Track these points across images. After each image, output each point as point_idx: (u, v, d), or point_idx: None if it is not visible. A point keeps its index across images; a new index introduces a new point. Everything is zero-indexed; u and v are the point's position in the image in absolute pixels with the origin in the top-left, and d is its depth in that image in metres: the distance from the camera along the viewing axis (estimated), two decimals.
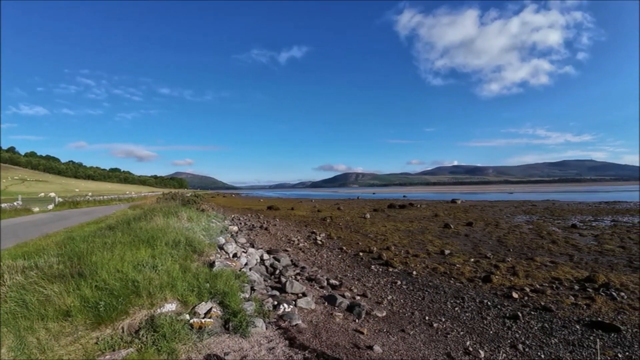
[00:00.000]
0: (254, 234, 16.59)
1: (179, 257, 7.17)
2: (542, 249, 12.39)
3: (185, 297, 5.29)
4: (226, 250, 9.66)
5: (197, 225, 12.53)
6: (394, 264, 10.38)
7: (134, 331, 4.39)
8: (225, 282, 6.12)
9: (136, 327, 4.46)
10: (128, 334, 4.32)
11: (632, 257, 10.67)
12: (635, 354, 4.86)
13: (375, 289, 8.17)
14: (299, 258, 11.34)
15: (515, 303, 7.12)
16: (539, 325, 6.01)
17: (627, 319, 6.12)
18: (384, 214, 27.79)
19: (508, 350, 5.17)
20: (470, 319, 6.39)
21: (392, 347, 5.11)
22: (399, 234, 16.61)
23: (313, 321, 5.84)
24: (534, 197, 54.29)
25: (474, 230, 17.43)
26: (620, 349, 5.06)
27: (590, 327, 5.87)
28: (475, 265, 10.27)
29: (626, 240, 13.59)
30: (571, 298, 7.28)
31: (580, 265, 10.07)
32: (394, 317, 6.42)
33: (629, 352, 4.93)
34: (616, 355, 4.87)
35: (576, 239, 14.25)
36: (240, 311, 5.28)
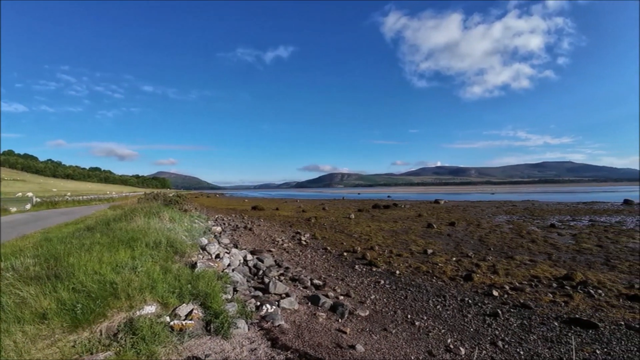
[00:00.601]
0: (238, 234, 16.44)
1: (160, 258, 7.03)
2: (521, 248, 12.67)
3: (166, 298, 5.18)
4: (209, 251, 9.53)
5: (179, 226, 12.32)
6: (377, 263, 10.44)
7: (113, 334, 4.27)
8: (207, 283, 6.02)
9: (114, 330, 4.33)
10: (106, 337, 4.20)
11: (609, 256, 11.01)
12: (614, 350, 4.99)
13: (358, 289, 8.19)
14: (283, 258, 11.28)
15: (495, 301, 7.25)
16: (518, 322, 6.14)
17: (604, 315, 6.30)
18: (369, 214, 27.94)
19: (488, 347, 5.25)
20: (452, 316, 6.47)
21: (375, 346, 5.12)
22: (383, 234, 16.72)
23: (296, 321, 5.81)
24: (515, 198, 55.59)
25: (456, 230, 17.70)
26: (598, 345, 5.19)
27: (568, 323, 6.01)
28: (457, 264, 10.42)
29: (603, 240, 14.02)
30: (550, 295, 7.46)
31: (559, 263, 10.33)
32: (377, 316, 6.44)
33: (607, 349, 5.05)
34: (594, 352, 4.98)
35: (555, 238, 14.63)
36: (222, 312, 5.20)
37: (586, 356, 4.87)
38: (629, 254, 11.18)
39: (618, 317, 6.21)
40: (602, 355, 4.89)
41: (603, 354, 4.90)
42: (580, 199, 48.70)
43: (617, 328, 5.73)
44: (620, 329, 5.70)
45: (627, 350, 4.98)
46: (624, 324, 5.86)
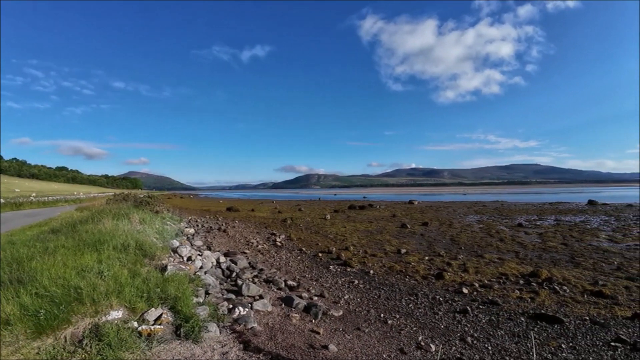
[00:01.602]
0: (212, 236, 16.14)
1: (128, 262, 6.81)
2: (491, 247, 13.09)
3: (134, 303, 5.00)
4: (180, 254, 9.31)
5: (149, 228, 11.98)
6: (352, 263, 10.51)
7: (78, 340, 4.09)
8: (178, 287, 5.86)
9: (79, 336, 4.15)
10: (71, 344, 4.02)
11: (573, 254, 11.53)
12: (579, 345, 5.20)
13: (333, 289, 8.22)
14: (258, 260, 11.17)
15: (465, 298, 7.46)
16: (486, 319, 6.32)
17: (569, 311, 6.58)
18: (344, 214, 28.11)
19: (457, 343, 5.38)
20: (423, 314, 6.60)
21: (348, 345, 5.14)
22: (358, 234, 16.86)
23: (269, 323, 5.75)
24: (485, 198, 57.41)
25: (429, 230, 18.07)
26: (563, 339, 5.40)
27: (534, 319, 6.24)
28: (429, 263, 10.64)
29: (568, 238, 14.68)
30: (517, 292, 7.73)
31: (526, 261, 10.73)
32: (350, 316, 6.48)
33: (573, 343, 5.27)
34: (560, 346, 5.18)
35: (522, 237, 15.19)
36: (193, 316, 5.08)
37: (552, 350, 5.05)
38: (592, 252, 11.74)
39: (583, 312, 6.49)
40: (567, 349, 5.08)
41: (568, 348, 5.10)
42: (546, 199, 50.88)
43: (582, 323, 5.99)
44: (585, 323, 5.96)
45: (592, 344, 5.20)
46: (589, 319, 6.13)
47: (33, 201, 36.43)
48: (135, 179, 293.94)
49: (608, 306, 6.73)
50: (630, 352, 4.88)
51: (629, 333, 5.51)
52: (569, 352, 4.99)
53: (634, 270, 9.25)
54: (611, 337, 5.40)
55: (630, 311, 6.37)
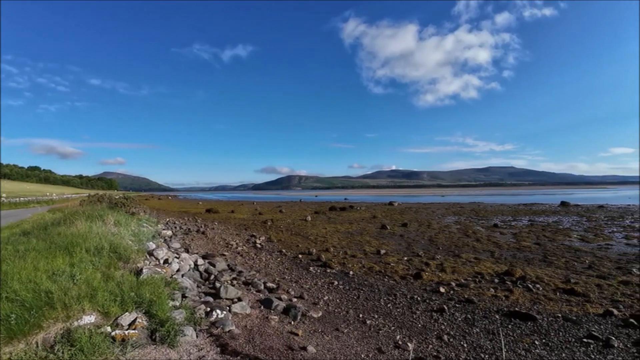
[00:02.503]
0: (190, 238, 15.86)
1: (102, 265, 6.60)
2: (467, 247, 13.39)
3: (107, 308, 4.85)
4: (156, 257, 9.09)
5: (125, 230, 11.65)
6: (332, 265, 10.52)
7: (49, 346, 3.97)
8: (153, 290, 5.71)
9: (51, 342, 4.02)
10: (43, 349, 3.89)
11: (546, 253, 11.94)
12: (552, 341, 5.37)
13: (312, 290, 8.21)
14: (237, 262, 11.04)
15: (442, 297, 7.60)
16: (462, 317, 6.46)
17: (542, 308, 6.81)
18: (325, 216, 28.16)
19: (434, 341, 5.47)
20: (401, 314, 6.67)
21: (326, 346, 5.15)
22: (339, 235, 16.92)
23: (247, 326, 5.69)
24: (462, 200, 58.69)
25: (408, 231, 18.32)
26: (537, 336, 5.58)
27: (508, 316, 6.43)
28: (408, 263, 10.78)
29: (541, 238, 15.18)
30: (492, 290, 7.94)
31: (500, 260, 11.02)
32: (330, 317, 6.48)
33: (546, 339, 5.44)
34: (533, 342, 5.34)
35: (497, 237, 15.61)
36: (169, 320, 4.96)
37: (526, 347, 5.20)
38: (565, 251, 12.19)
39: (555, 309, 6.72)
40: (540, 346, 5.24)
41: (542, 345, 5.26)
42: (521, 201, 52.42)
43: (554, 320, 6.20)
44: (557, 320, 6.17)
45: (564, 341, 5.38)
46: (561, 316, 6.35)
47: (4, 202, 34.91)
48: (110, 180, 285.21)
49: (580, 303, 7.00)
50: (602, 348, 5.07)
51: (600, 330, 5.72)
52: (542, 349, 5.14)
53: (605, 268, 9.64)
54: (583, 333, 5.60)
55: (602, 308, 6.63)
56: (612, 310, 6.40)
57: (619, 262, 10.40)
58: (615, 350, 4.97)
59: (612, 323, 5.98)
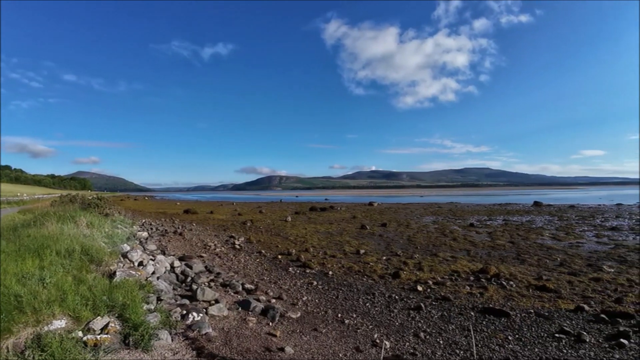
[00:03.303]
0: (167, 239, 15.51)
1: (73, 268, 6.39)
2: (444, 246, 13.64)
3: (78, 312, 4.69)
4: (130, 259, 8.84)
5: (98, 232, 11.29)
6: (311, 265, 10.51)
7: (20, 351, 3.86)
8: (126, 294, 5.56)
9: (22, 347, 3.91)
10: (13, 354, 3.78)
11: (519, 251, 12.30)
12: (525, 336, 5.53)
13: (291, 291, 8.16)
14: (215, 264, 10.86)
15: (419, 295, 7.71)
16: (439, 314, 6.57)
17: (515, 305, 7.00)
18: (306, 216, 28.13)
19: (411, 338, 5.54)
20: (380, 313, 6.72)
21: (304, 347, 5.13)
22: (319, 235, 16.92)
23: (225, 328, 5.61)
24: (440, 200, 59.83)
25: (387, 231, 18.52)
26: (510, 332, 5.74)
27: (483, 313, 6.59)
28: (386, 262, 10.89)
29: (515, 237, 15.63)
30: (467, 288, 8.12)
31: (476, 258, 11.28)
32: (308, 317, 6.46)
33: (519, 335, 5.60)
34: (507, 338, 5.49)
35: (473, 236, 15.98)
36: (143, 324, 4.83)
37: (499, 342, 5.34)
38: (537, 249, 12.60)
39: (528, 305, 6.93)
40: (514, 341, 5.39)
41: (515, 340, 5.41)
42: (496, 201, 53.93)
43: (527, 316, 6.39)
44: (530, 316, 6.37)
45: (537, 336, 5.55)
46: (534, 312, 6.56)
47: None
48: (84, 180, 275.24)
49: (552, 299, 7.24)
50: (574, 343, 5.24)
51: (572, 325, 5.92)
52: (515, 344, 5.28)
53: (576, 266, 10.01)
54: (555, 329, 5.78)
55: (573, 304, 6.88)
56: (583, 306, 6.64)
57: (590, 259, 10.81)
58: (587, 345, 5.14)
59: (583, 318, 6.19)
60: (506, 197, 74.47)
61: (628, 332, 5.35)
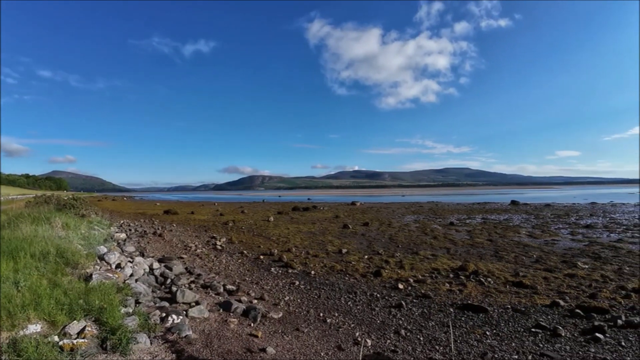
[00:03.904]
0: (145, 241, 15.18)
1: (48, 271, 6.24)
2: (425, 244, 13.85)
3: (53, 316, 4.58)
4: (108, 261, 8.63)
5: (74, 234, 10.99)
6: (293, 265, 10.48)
7: None
8: (103, 297, 5.43)
9: None
10: None
11: (497, 249, 12.62)
12: (502, 331, 5.68)
13: (273, 291, 8.12)
14: (195, 265, 10.70)
15: (400, 293, 7.81)
16: (419, 311, 6.67)
17: (493, 301, 7.18)
18: (288, 216, 28.05)
19: (392, 336, 5.60)
20: (361, 311, 6.77)
21: (286, 347, 5.12)
22: (301, 235, 16.90)
23: (205, 330, 5.53)
24: (421, 199, 60.68)
25: (369, 230, 18.66)
26: (488, 327, 5.88)
27: (462, 309, 6.73)
28: (368, 261, 10.97)
29: (493, 235, 16.02)
30: (447, 285, 8.27)
31: (455, 256, 11.50)
32: (290, 317, 6.44)
33: (496, 330, 5.75)
34: (485, 333, 5.63)
35: (453, 235, 16.29)
36: (120, 327, 4.72)
37: (477, 337, 5.47)
38: (514, 247, 12.95)
39: (505, 301, 7.12)
40: (491, 336, 5.53)
41: (493, 335, 5.55)
42: (475, 200, 55.12)
43: (504, 311, 6.56)
44: (507, 312, 6.54)
45: (514, 331, 5.71)
46: (511, 307, 6.74)
47: None
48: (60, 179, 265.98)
49: (528, 295, 7.45)
50: (550, 337, 5.40)
51: (548, 320, 6.10)
52: (493, 339, 5.41)
53: (551, 262, 10.33)
54: (532, 323, 5.95)
55: (548, 300, 7.08)
56: (559, 301, 6.85)
57: (565, 256, 11.18)
58: (562, 339, 5.30)
59: (558, 313, 6.40)
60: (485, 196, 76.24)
61: (603, 327, 5.53)
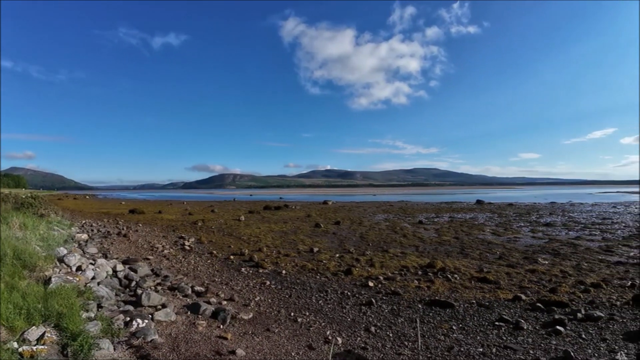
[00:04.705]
0: (109, 242, 14.55)
1: (5, 274, 5.84)
2: (395, 242, 14.13)
3: (12, 321, 4.31)
4: (68, 263, 8.20)
5: (32, 235, 10.37)
6: (264, 265, 10.38)
7: None
8: (63, 301, 5.15)
9: None
10: None
11: (463, 246, 13.08)
12: (468, 325, 5.92)
13: (243, 292, 8.00)
14: (162, 266, 10.36)
15: (371, 291, 7.92)
16: (389, 308, 6.80)
17: (459, 296, 7.46)
18: (260, 215, 27.77)
19: (362, 333, 5.67)
20: (332, 310, 6.80)
21: (256, 348, 5.05)
22: (273, 235, 16.78)
23: (172, 334, 5.37)
24: (392, 199, 61.85)
25: (341, 229, 18.80)
26: (454, 322, 6.10)
27: (429, 305, 6.94)
28: (339, 260, 11.04)
29: (459, 233, 16.57)
30: (415, 282, 8.48)
31: (424, 254, 11.80)
32: (261, 318, 6.37)
33: (462, 324, 5.98)
34: (451, 328, 5.83)
35: (422, 233, 16.71)
36: (82, 333, 4.50)
37: (444, 332, 5.65)
38: (479, 244, 13.49)
39: (470, 296, 7.41)
40: (458, 330, 5.74)
41: (459, 329, 5.76)
42: (443, 199, 56.86)
43: (470, 306, 6.84)
44: (472, 306, 6.82)
45: (479, 324, 5.96)
46: (475, 302, 7.04)
47: None
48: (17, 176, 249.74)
49: (492, 290, 7.78)
50: (513, 330, 5.68)
51: (510, 313, 6.42)
52: (459, 333, 5.62)
53: (513, 258, 10.85)
54: (495, 317, 6.23)
55: (511, 294, 7.44)
56: (521, 295, 7.21)
57: (526, 252, 11.76)
58: (525, 332, 5.58)
59: (520, 307, 6.73)
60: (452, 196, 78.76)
61: (563, 320, 5.85)
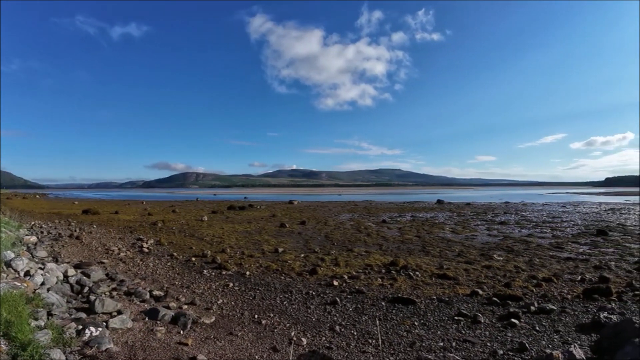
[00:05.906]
0: (60, 245, 13.66)
1: None
2: (359, 241, 14.32)
3: None
4: (15, 268, 7.61)
5: None
6: (227, 266, 10.15)
7: None
8: (11, 309, 4.76)
9: None
10: None
11: (424, 244, 13.49)
12: (429, 321, 6.12)
13: (205, 295, 7.77)
14: (118, 270, 9.85)
15: (335, 290, 7.98)
16: (353, 307, 6.87)
17: (421, 293, 7.70)
18: (223, 215, 27.19)
19: (327, 333, 5.68)
20: (297, 310, 6.77)
21: (219, 353, 4.91)
22: (236, 235, 16.47)
23: (129, 342, 5.10)
24: (357, 198, 62.75)
25: (306, 228, 18.79)
26: (416, 318, 6.29)
27: (392, 302, 7.11)
28: (304, 260, 11.03)
29: (421, 231, 17.07)
30: (379, 280, 8.64)
31: (387, 252, 12.04)
32: (223, 321, 6.21)
33: (424, 320, 6.18)
34: (413, 324, 6.00)
35: (385, 232, 17.06)
36: (31, 343, 4.18)
37: (407, 328, 5.81)
38: (439, 242, 13.97)
39: (431, 293, 7.66)
40: (419, 326, 5.92)
41: (420, 325, 5.95)
42: (406, 199, 58.51)
43: (430, 302, 7.08)
44: (433, 302, 7.07)
45: (439, 320, 6.19)
46: (436, 298, 7.31)
47: None
48: None
49: (451, 286, 8.11)
50: (471, 324, 5.95)
51: (469, 308, 6.71)
52: (421, 329, 5.80)
53: (471, 255, 11.36)
54: (455, 312, 6.50)
55: (469, 289, 7.79)
56: (478, 290, 7.57)
57: (483, 249, 12.32)
58: (482, 326, 5.86)
59: (478, 302, 7.05)
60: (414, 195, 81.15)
61: (518, 313, 6.19)
